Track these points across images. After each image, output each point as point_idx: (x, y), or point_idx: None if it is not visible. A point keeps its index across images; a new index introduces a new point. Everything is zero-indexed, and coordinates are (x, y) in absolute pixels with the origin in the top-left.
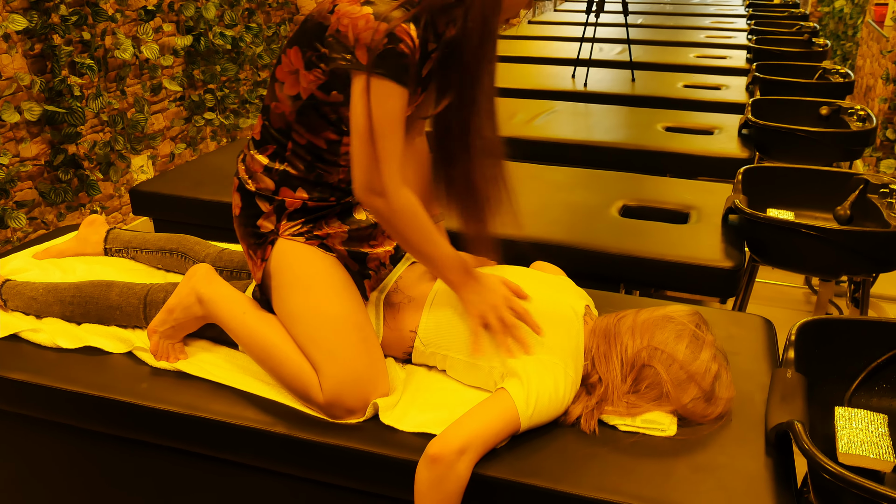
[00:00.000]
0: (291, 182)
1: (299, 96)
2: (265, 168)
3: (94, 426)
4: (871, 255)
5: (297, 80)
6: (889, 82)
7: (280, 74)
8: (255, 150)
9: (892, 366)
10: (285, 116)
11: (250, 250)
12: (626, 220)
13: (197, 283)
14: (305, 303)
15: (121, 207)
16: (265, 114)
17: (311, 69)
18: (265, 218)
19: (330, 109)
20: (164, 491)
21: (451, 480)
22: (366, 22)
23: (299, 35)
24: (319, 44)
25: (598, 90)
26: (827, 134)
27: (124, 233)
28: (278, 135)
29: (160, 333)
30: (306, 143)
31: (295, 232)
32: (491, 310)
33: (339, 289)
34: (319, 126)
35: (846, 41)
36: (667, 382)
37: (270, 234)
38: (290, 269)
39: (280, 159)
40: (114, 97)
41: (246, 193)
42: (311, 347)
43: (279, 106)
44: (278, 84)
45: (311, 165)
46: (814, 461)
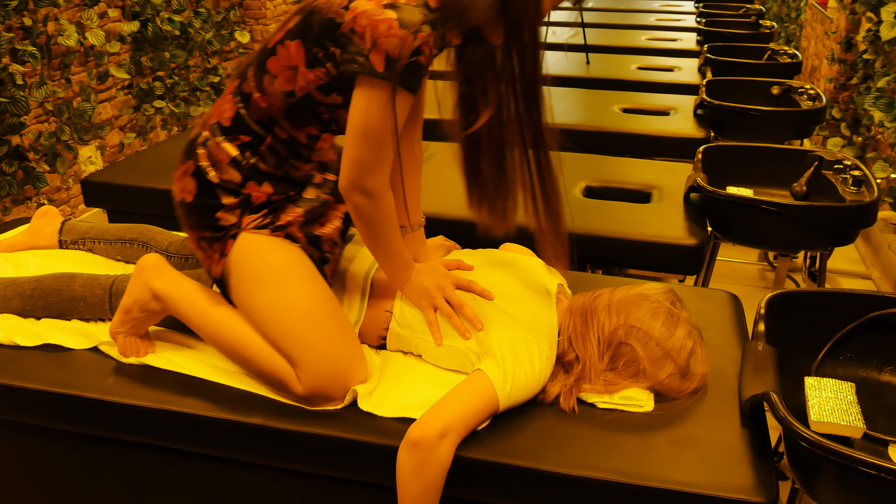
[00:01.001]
0: (259, 177)
1: (293, 93)
2: (233, 160)
3: (59, 425)
4: (829, 229)
5: (295, 76)
6: (834, 63)
7: (273, 66)
8: (222, 136)
9: (855, 335)
10: (272, 110)
11: (204, 243)
12: (589, 200)
13: (149, 279)
14: (275, 298)
15: (69, 200)
16: (244, 102)
17: (315, 67)
18: (227, 210)
19: (325, 109)
20: (136, 490)
21: (433, 464)
22: (388, 27)
23: (302, 28)
24: (329, 41)
25: (554, 73)
26: (780, 113)
27: (80, 224)
28: (257, 126)
29: (124, 333)
30: (287, 138)
31: (258, 224)
32: (437, 291)
33: (308, 280)
34: (306, 122)
35: (789, 23)
36: (643, 359)
37: (232, 228)
38: (255, 263)
39: (252, 152)
40: (58, 86)
41: (205, 182)
42: (285, 343)
43: (266, 98)
44: (269, 76)
45: (283, 161)
46: (790, 430)
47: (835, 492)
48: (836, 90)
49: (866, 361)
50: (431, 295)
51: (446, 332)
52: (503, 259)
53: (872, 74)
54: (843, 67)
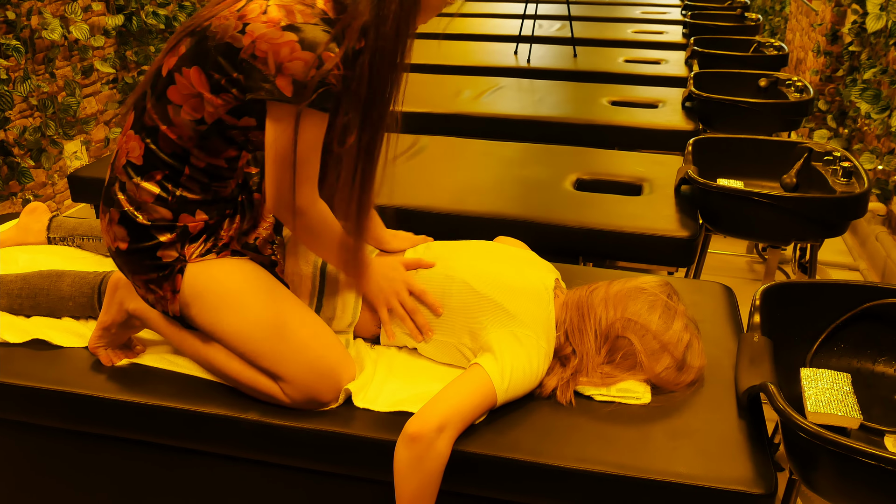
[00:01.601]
0: (189, 207)
1: (203, 121)
2: (157, 197)
3: (51, 422)
4: (821, 221)
5: (202, 104)
6: (820, 55)
7: (175, 96)
8: (138, 177)
9: (849, 326)
10: (183, 140)
11: (152, 285)
12: (580, 193)
13: (123, 299)
14: (240, 319)
15: (55, 195)
16: (151, 136)
17: (220, 93)
18: (167, 248)
19: (238, 133)
20: (130, 488)
21: (431, 459)
22: (291, 50)
23: (198, 54)
24: (230, 67)
25: (542, 66)
26: (768, 105)
27: (68, 220)
28: (171, 160)
29: (105, 346)
30: (205, 166)
31: (202, 251)
32: (393, 295)
33: (268, 292)
34: (221, 147)
35: (774, 16)
36: (640, 352)
37: (177, 262)
38: (210, 291)
39: (174, 184)
40: (43, 80)
41: (135, 227)
42: (262, 361)
43: (174, 130)
44: (172, 107)
45: (208, 186)
46: (789, 421)
47: (833, 482)
48: (821, 82)
49: (860, 352)
50: (386, 296)
51: (436, 326)
52: (499, 252)
53: (858, 66)
54: (828, 59)
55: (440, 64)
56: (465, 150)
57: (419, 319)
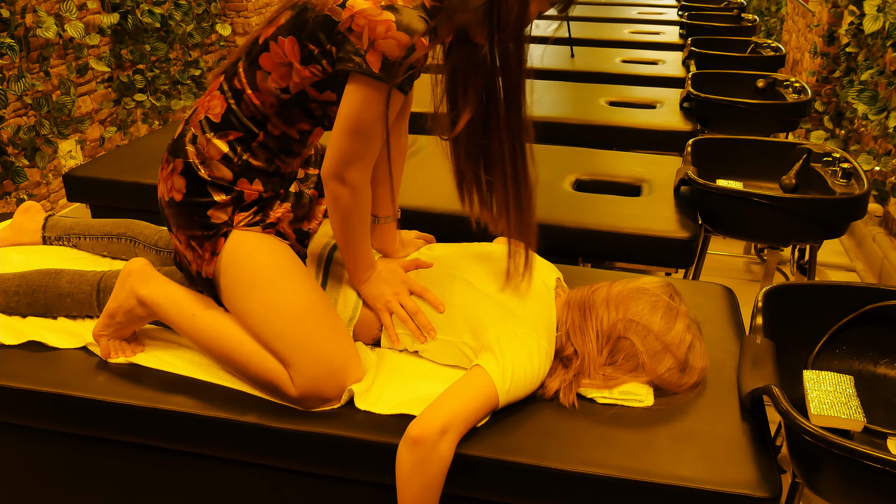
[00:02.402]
0: (251, 174)
1: (288, 90)
2: (224, 156)
3: (47, 425)
4: (821, 222)
5: (290, 73)
6: (817, 56)
7: (266, 63)
8: (211, 133)
9: (851, 328)
10: (264, 107)
11: (194, 242)
12: (580, 193)
13: (135, 285)
14: (268, 298)
15: (49, 195)
16: (235, 98)
17: (310, 64)
18: (219, 208)
19: (317, 106)
20: (127, 491)
21: (433, 462)
22: (386, 29)
23: (296, 25)
24: (326, 38)
25: (539, 66)
26: (766, 106)
27: (64, 220)
28: (250, 123)
29: (108, 336)
30: (280, 134)
31: (250, 221)
32: (393, 297)
33: (300, 279)
34: (299, 118)
35: (770, 17)
36: (643, 354)
37: (224, 226)
38: (246, 263)
39: (244, 147)
40: (37, 78)
41: (196, 179)
42: (278, 343)
43: (259, 95)
44: (262, 72)
45: (274, 156)
46: (793, 423)
47: (837, 485)
48: (818, 83)
49: (862, 354)
50: (387, 299)
51: (437, 325)
52: (498, 252)
53: (855, 67)
54: (825, 60)
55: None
56: None
57: (420, 320)
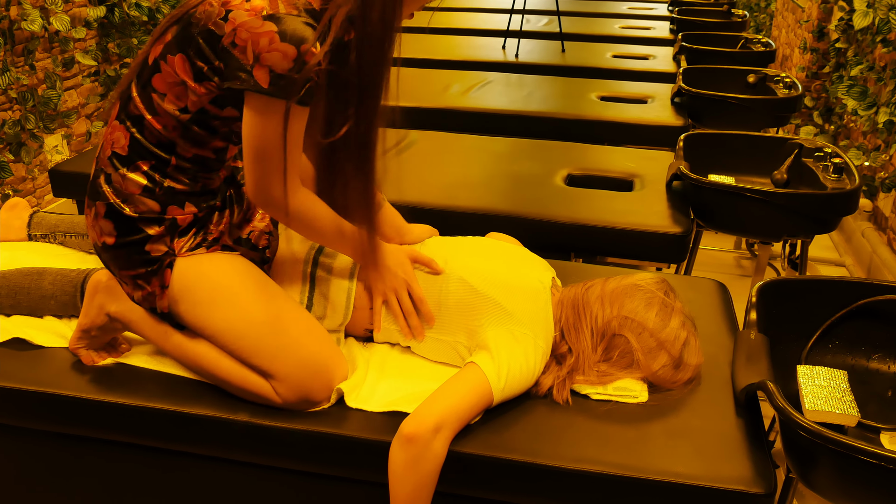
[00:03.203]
0: (178, 199)
1: (187, 109)
2: (144, 188)
3: (34, 424)
4: (813, 217)
5: (186, 92)
6: (806, 51)
7: (160, 85)
8: (124, 168)
9: (844, 323)
10: (168, 131)
11: (140, 280)
12: (572, 188)
13: (104, 302)
14: (231, 316)
15: (35, 191)
16: (136, 126)
17: (203, 82)
18: (156, 241)
19: (220, 123)
20: (116, 491)
21: (427, 460)
22: (269, 41)
23: (183, 41)
24: (212, 54)
25: (530, 61)
26: (757, 101)
27: (50, 216)
28: (158, 150)
29: (85, 347)
30: (192, 157)
31: (193, 245)
32: (391, 292)
33: (260, 289)
34: (207, 138)
35: (759, 12)
36: (637, 350)
37: (166, 257)
38: (200, 286)
39: (161, 174)
40: (22, 72)
41: (123, 219)
42: (254, 359)
43: (159, 119)
44: (157, 95)
45: (195, 177)
46: (788, 419)
47: (832, 480)
48: (808, 79)
49: (855, 349)
50: (385, 289)
51: (435, 325)
52: (495, 249)
53: (845, 63)
54: (815, 56)
55: (428, 58)
56: (454, 145)
57: (413, 322)
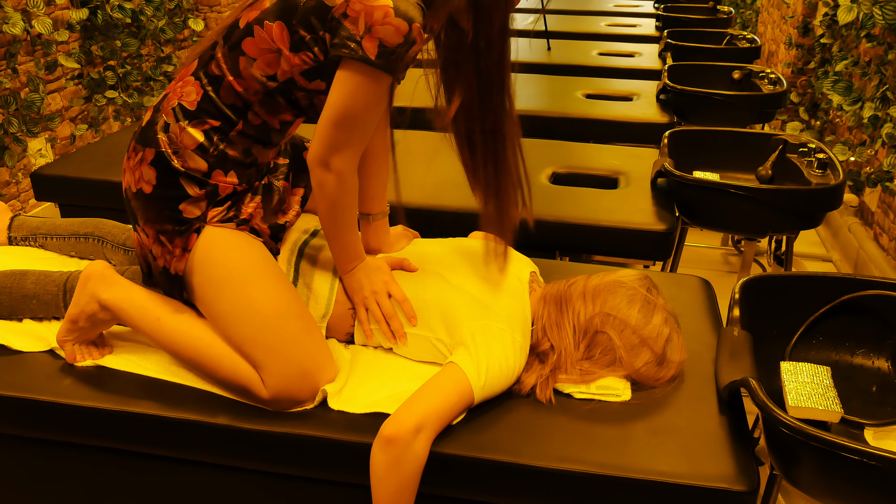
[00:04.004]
0: (226, 165)
1: (275, 77)
2: (199, 146)
3: (14, 430)
4: (797, 213)
5: (278, 60)
6: (792, 47)
7: (251, 49)
8: (185, 121)
9: (827, 319)
10: (247, 94)
11: (163, 237)
12: (556, 187)
13: (95, 289)
14: (241, 300)
15: (19, 195)
16: (213, 84)
17: (300, 51)
18: (192, 202)
19: (304, 95)
20: (97, 496)
21: (408, 461)
22: (384, 15)
23: (285, 9)
24: (319, 24)
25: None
26: (742, 97)
27: (30, 219)
28: (230, 111)
29: (72, 341)
30: (260, 124)
31: (223, 217)
32: (371, 295)
33: (274, 280)
34: (283, 108)
35: (745, 9)
36: (620, 348)
37: (196, 221)
38: (221, 262)
39: (221, 137)
40: (5, 76)
41: (168, 170)
42: (250, 346)
43: (241, 83)
44: (245, 58)
45: (250, 149)
46: (771, 416)
47: (815, 477)
48: (793, 74)
49: (839, 345)
50: (364, 295)
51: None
52: (472, 248)
53: (830, 59)
54: (800, 52)
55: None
56: (440, 144)
57: (394, 324)
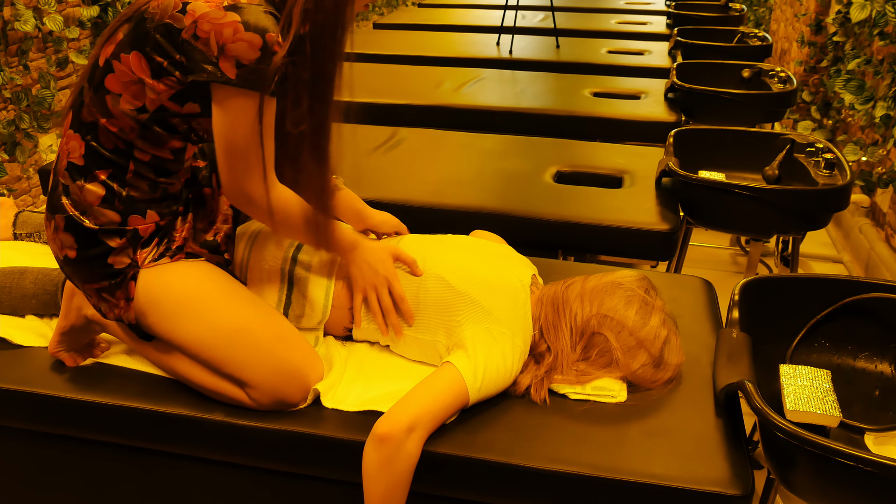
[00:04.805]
0: (139, 208)
1: (145, 108)
2: (103, 199)
3: (11, 423)
4: (803, 214)
5: (143, 90)
6: (804, 45)
7: (113, 85)
8: (81, 179)
9: (830, 321)
10: (124, 133)
11: (105, 294)
12: (560, 185)
13: (81, 305)
14: (199, 327)
15: (30, 190)
16: (91, 133)
17: (162, 78)
18: (117, 254)
19: (180, 121)
20: (94, 489)
21: (400, 460)
22: (234, 32)
23: (137, 38)
24: (172, 48)
25: (524, 57)
26: (751, 96)
27: (35, 215)
28: (114, 156)
29: (65, 350)
30: (150, 159)
31: (156, 255)
32: (371, 289)
33: (227, 294)
34: (165, 138)
35: (759, 6)
36: (617, 349)
37: (130, 269)
38: (166, 297)
39: (119, 183)
40: (16, 72)
41: (83, 232)
42: (226, 368)
43: (114, 122)
44: (111, 96)
45: (155, 183)
46: (766, 420)
47: (811, 482)
48: (806, 73)
49: (841, 348)
50: (365, 286)
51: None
52: (475, 247)
53: (843, 57)
54: (812, 50)
55: (422, 55)
56: (444, 142)
57: (392, 320)
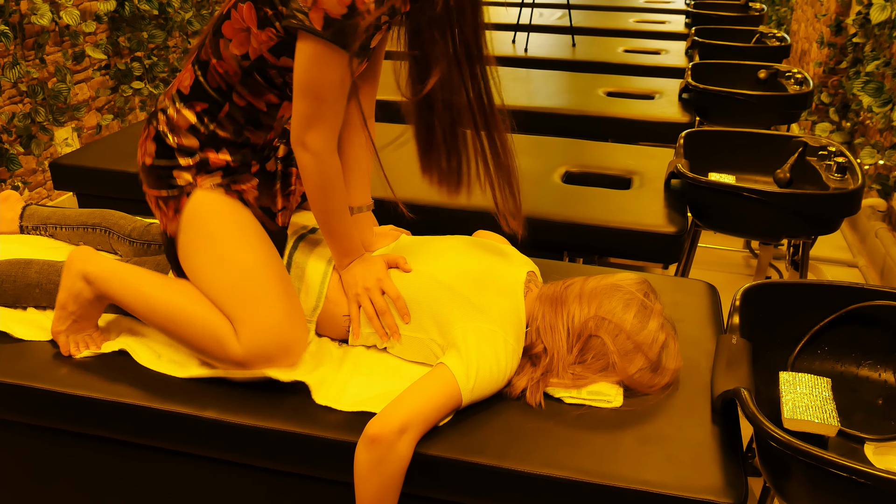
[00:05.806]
0: (217, 144)
1: (248, 56)
2: (191, 126)
3: (11, 416)
4: (812, 217)
5: (248, 38)
6: (824, 46)
7: (227, 30)
8: (181, 104)
9: (833, 328)
10: (228, 76)
11: (160, 201)
12: (568, 186)
13: (79, 265)
14: (223, 252)
15: (45, 182)
16: (202, 69)
17: (265, 28)
18: (184, 170)
19: (276, 73)
20: (90, 483)
21: (391, 461)
22: None
23: None
24: (278, 0)
25: (539, 55)
26: (765, 97)
27: (42, 209)
28: (215, 94)
29: (65, 331)
30: (246, 105)
31: (214, 183)
32: (364, 291)
33: (257, 239)
34: (263, 88)
35: (780, 6)
36: (613, 353)
37: (187, 186)
38: (206, 220)
39: (210, 118)
40: (33, 66)
41: (164, 146)
42: (226, 298)
43: (222, 64)
44: (224, 40)
45: (242, 128)
46: (760, 429)
47: (806, 492)
48: (825, 74)
49: (844, 355)
50: (357, 291)
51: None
52: (470, 246)
53: (862, 58)
54: (832, 51)
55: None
56: None
57: (387, 321)
